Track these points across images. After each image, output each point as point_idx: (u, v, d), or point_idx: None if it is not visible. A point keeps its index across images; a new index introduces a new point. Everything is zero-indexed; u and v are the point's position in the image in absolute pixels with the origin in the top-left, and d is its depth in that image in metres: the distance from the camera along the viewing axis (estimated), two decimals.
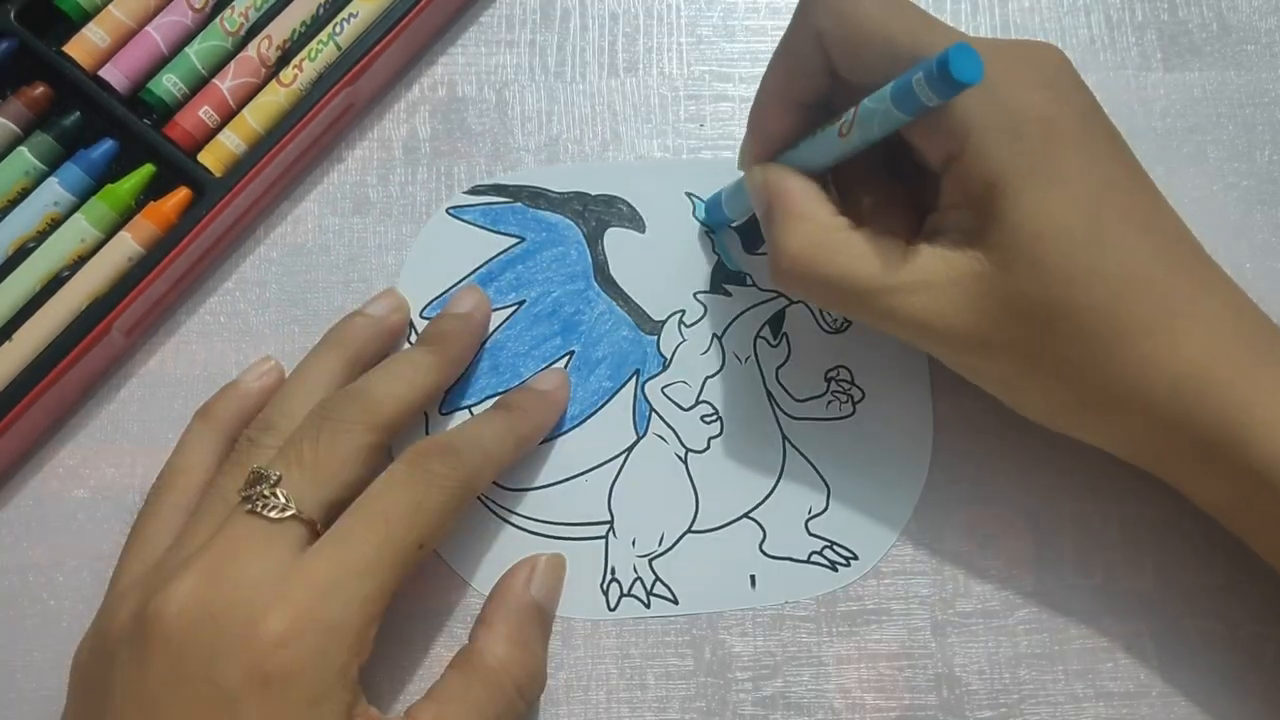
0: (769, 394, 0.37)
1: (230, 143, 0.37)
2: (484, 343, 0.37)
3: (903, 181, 0.34)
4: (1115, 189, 0.30)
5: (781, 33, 0.41)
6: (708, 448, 0.37)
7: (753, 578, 0.35)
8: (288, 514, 0.29)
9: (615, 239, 0.39)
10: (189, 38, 0.38)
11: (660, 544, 0.36)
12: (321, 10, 0.39)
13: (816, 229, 0.31)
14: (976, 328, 0.30)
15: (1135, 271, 0.29)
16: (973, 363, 0.32)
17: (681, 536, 0.36)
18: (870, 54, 0.30)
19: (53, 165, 0.37)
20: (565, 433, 0.37)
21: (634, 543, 0.36)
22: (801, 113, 0.33)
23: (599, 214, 0.39)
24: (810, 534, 0.36)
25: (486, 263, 0.38)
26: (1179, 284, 0.30)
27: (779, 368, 0.37)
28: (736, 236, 0.39)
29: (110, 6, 0.38)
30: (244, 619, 0.27)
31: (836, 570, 0.35)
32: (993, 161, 0.29)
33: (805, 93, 0.33)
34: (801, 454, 0.36)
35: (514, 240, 0.38)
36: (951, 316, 0.30)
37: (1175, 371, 0.29)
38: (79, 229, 0.36)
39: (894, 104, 0.28)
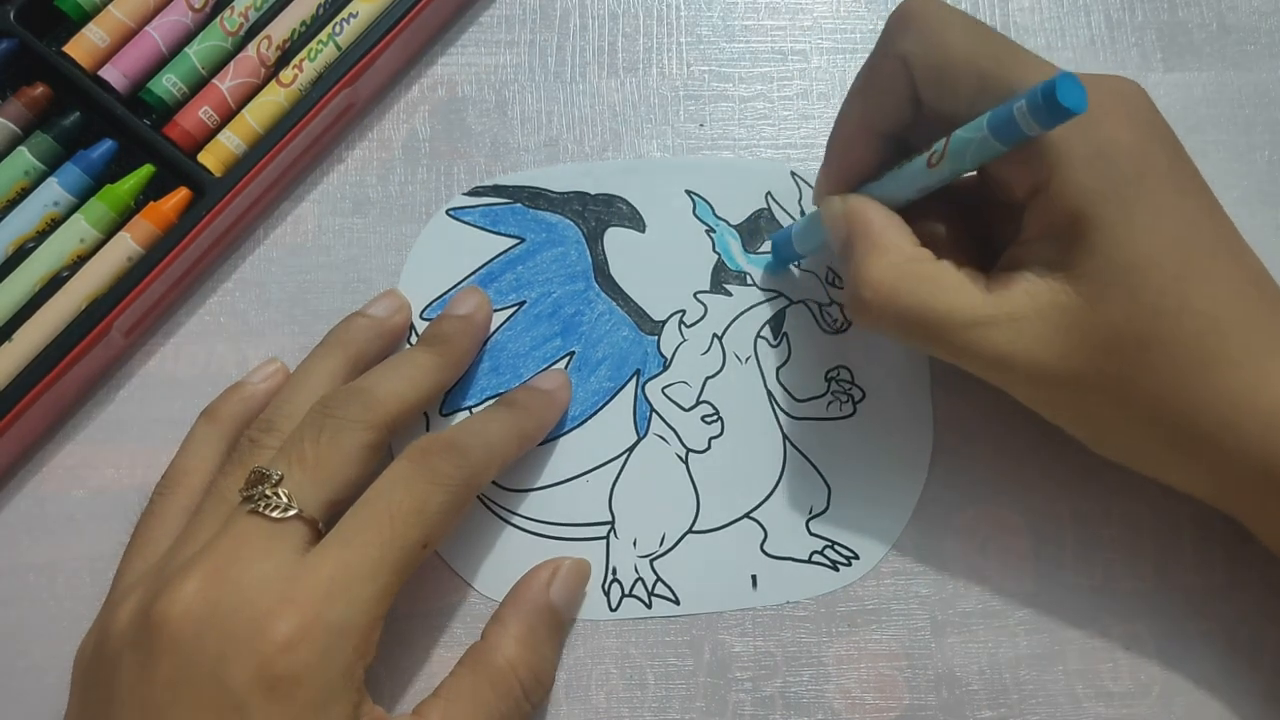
0: (769, 394, 0.37)
1: (230, 143, 0.37)
2: (484, 343, 0.37)
3: (969, 216, 0.33)
4: (1202, 224, 0.30)
5: (781, 32, 0.41)
6: (708, 448, 0.37)
7: (754, 578, 0.35)
8: (290, 514, 0.29)
9: (615, 239, 0.39)
10: (189, 38, 0.38)
11: (661, 544, 0.36)
12: (321, 10, 0.39)
13: (900, 260, 0.31)
14: (1062, 362, 0.30)
15: (1223, 306, 0.29)
16: (1056, 399, 0.31)
17: (683, 537, 0.36)
18: (958, 83, 0.30)
19: (52, 165, 0.37)
20: (566, 433, 0.37)
21: (635, 543, 0.36)
22: (881, 143, 0.33)
23: (599, 214, 0.39)
24: (811, 534, 0.36)
25: (487, 263, 0.38)
26: (1265, 319, 0.30)
27: (779, 368, 0.37)
28: (737, 235, 0.39)
29: (110, 6, 0.38)
30: (250, 622, 0.27)
31: (838, 570, 0.35)
32: (1083, 192, 0.29)
33: (887, 122, 0.32)
34: (802, 454, 0.36)
35: (514, 241, 0.38)
36: (1037, 351, 0.30)
37: (1265, 406, 0.29)
38: (79, 229, 0.36)
39: (992, 134, 0.28)
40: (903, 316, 0.31)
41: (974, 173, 0.33)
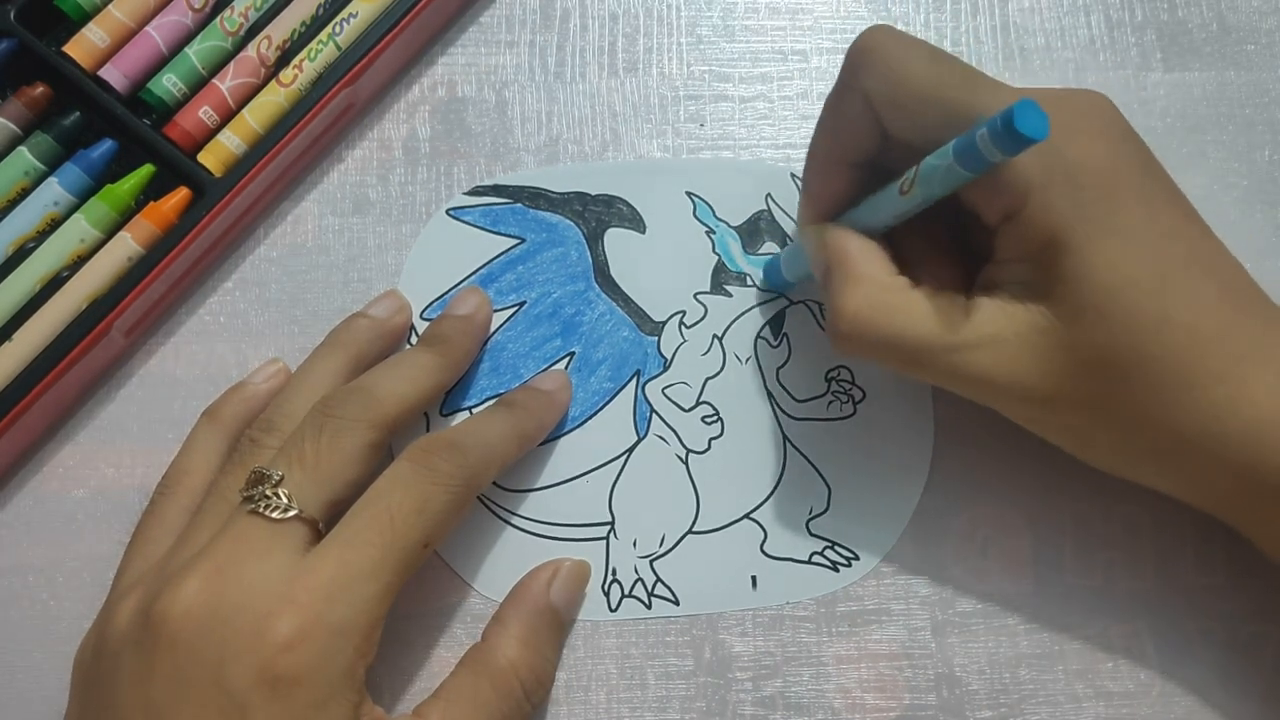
0: (769, 394, 0.37)
1: (230, 143, 0.37)
2: (485, 344, 0.37)
3: (951, 231, 0.33)
4: (1177, 237, 0.30)
5: (781, 32, 0.41)
6: (708, 448, 0.37)
7: (754, 578, 0.35)
8: (290, 514, 0.29)
9: (615, 239, 0.39)
10: (189, 38, 0.38)
11: (661, 545, 0.36)
12: (321, 10, 0.39)
13: (876, 289, 0.31)
14: (1043, 382, 0.30)
15: (1202, 318, 0.29)
16: (1040, 416, 0.32)
17: (682, 537, 0.36)
18: (922, 113, 0.30)
19: (53, 165, 0.37)
20: (566, 434, 0.37)
21: (635, 544, 0.36)
22: (853, 172, 0.33)
23: (599, 214, 0.39)
24: (811, 534, 0.36)
25: (487, 264, 0.38)
26: (1246, 328, 0.30)
27: (779, 368, 0.37)
28: (737, 237, 0.39)
29: (110, 6, 0.38)
30: (251, 622, 0.28)
31: (838, 570, 0.35)
32: (1054, 216, 0.29)
33: (855, 153, 0.32)
34: (802, 454, 0.36)
35: (514, 241, 0.38)
36: (1017, 372, 0.30)
37: (1248, 416, 0.29)
38: (79, 229, 0.36)
39: (957, 161, 0.28)
40: (882, 345, 0.31)
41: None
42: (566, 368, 0.37)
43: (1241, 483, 0.30)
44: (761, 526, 0.36)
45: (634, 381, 0.37)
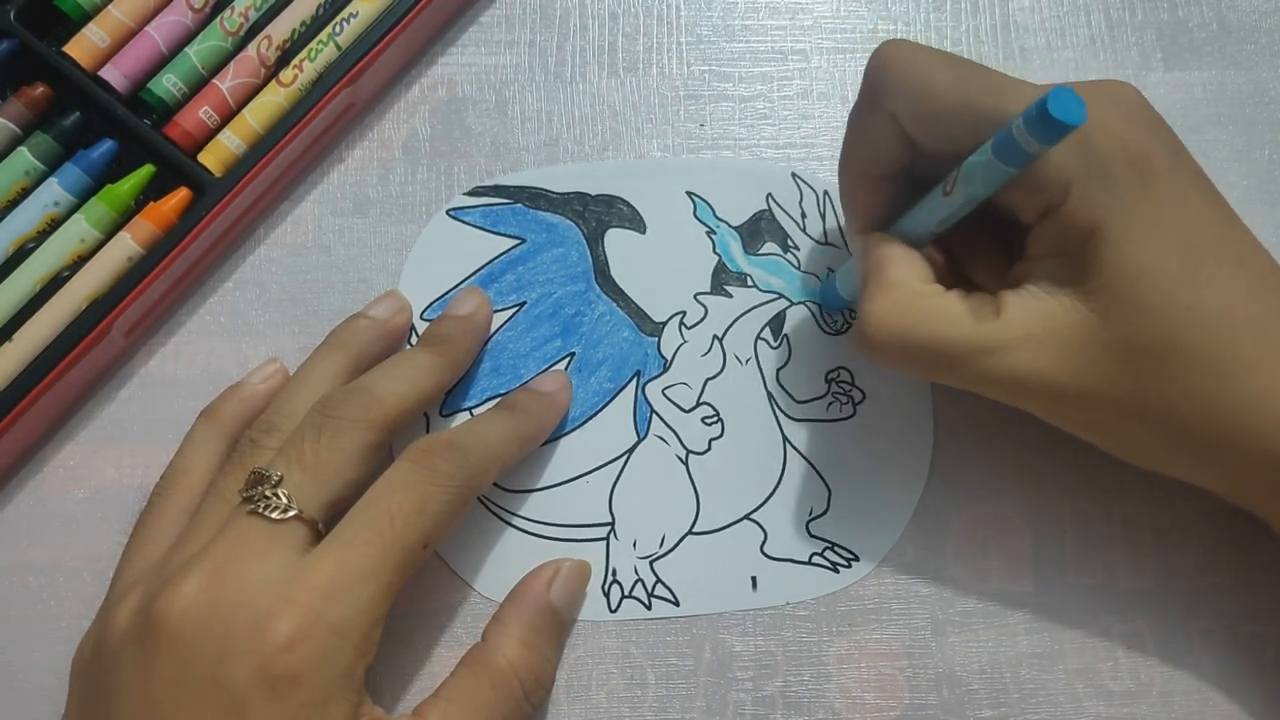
0: (770, 395, 0.37)
1: (230, 143, 0.37)
2: (485, 344, 0.37)
3: (990, 227, 0.33)
4: (1209, 226, 0.30)
5: (781, 32, 0.41)
6: (708, 449, 0.37)
7: (754, 579, 0.35)
8: (289, 515, 0.29)
9: (616, 240, 0.39)
10: (189, 38, 0.38)
11: (661, 546, 0.36)
12: (321, 10, 0.39)
13: (905, 295, 0.31)
14: (1077, 379, 0.30)
15: (1235, 308, 0.29)
16: (1073, 414, 0.31)
17: (683, 538, 0.36)
18: (951, 124, 0.30)
19: (53, 165, 0.37)
20: (566, 434, 0.37)
21: (635, 544, 0.36)
22: (887, 184, 0.33)
23: (599, 214, 0.39)
24: (811, 535, 0.36)
25: (487, 264, 0.38)
26: (1278, 318, 0.30)
27: (780, 369, 0.37)
28: (737, 237, 0.39)
29: (110, 6, 0.38)
30: (250, 622, 0.28)
31: (837, 571, 0.35)
32: (1093, 209, 0.29)
33: (886, 166, 0.32)
34: (802, 455, 0.36)
35: (514, 241, 0.38)
36: (1051, 370, 0.30)
37: None
38: (79, 229, 0.36)
39: (996, 157, 0.28)
40: (909, 350, 0.30)
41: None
42: (567, 368, 0.37)
43: (1273, 472, 0.30)
44: (761, 527, 0.36)
45: (634, 382, 0.37)
